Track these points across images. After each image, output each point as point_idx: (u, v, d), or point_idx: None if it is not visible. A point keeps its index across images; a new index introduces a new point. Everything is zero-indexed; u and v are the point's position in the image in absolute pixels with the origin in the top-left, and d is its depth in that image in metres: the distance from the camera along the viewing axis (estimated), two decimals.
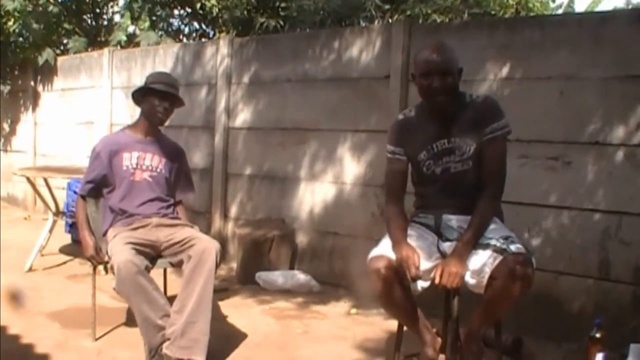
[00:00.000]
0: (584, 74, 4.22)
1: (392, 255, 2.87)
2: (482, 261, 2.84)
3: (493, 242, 2.87)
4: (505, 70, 4.53)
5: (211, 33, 9.53)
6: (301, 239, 5.72)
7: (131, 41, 8.78)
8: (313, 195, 5.65)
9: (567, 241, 4.28)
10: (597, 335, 3.67)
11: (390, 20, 7.14)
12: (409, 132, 3.13)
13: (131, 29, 8.95)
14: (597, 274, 4.18)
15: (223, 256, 5.77)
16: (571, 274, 4.26)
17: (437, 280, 2.82)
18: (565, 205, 4.30)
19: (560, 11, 12.11)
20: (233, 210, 6.29)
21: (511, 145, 3.60)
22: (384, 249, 2.93)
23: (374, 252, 2.94)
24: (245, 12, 8.21)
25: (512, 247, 2.81)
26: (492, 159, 3.02)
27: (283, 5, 7.83)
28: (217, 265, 3.68)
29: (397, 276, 2.83)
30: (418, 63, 3.02)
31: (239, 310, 4.73)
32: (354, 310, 4.82)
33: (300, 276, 5.39)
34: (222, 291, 5.06)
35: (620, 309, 4.06)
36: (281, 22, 7.67)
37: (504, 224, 3.11)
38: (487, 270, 2.80)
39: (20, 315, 4.41)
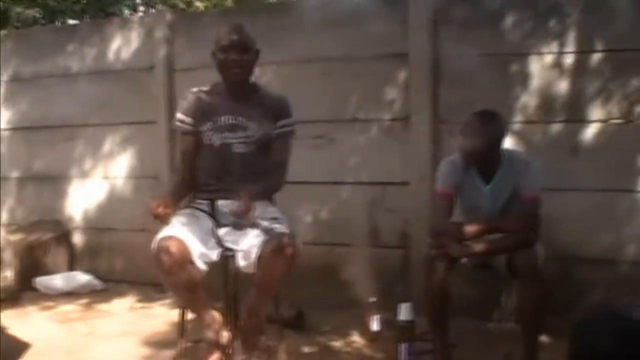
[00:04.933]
0: (342, 56, 4.45)
1: (180, 236, 2.95)
2: (250, 242, 2.98)
3: (261, 222, 3.01)
4: (268, 55, 4.62)
5: None
6: (79, 238, 5.58)
7: None
8: (87, 193, 5.53)
9: (338, 214, 4.54)
10: (372, 299, 3.92)
11: (154, 9, 7.09)
12: (201, 104, 3.24)
13: None
14: (369, 242, 4.43)
15: None
16: (344, 244, 4.48)
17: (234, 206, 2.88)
18: (334, 181, 4.54)
19: None
20: (3, 216, 5.96)
21: None
22: (172, 229, 2.99)
23: (163, 232, 2.98)
24: (1, 3, 7.79)
25: (277, 227, 2.99)
26: (280, 152, 3.26)
27: None
28: None
29: (185, 257, 2.91)
30: (218, 39, 3.18)
31: (20, 320, 4.51)
32: (138, 305, 4.80)
33: (81, 277, 5.27)
34: None
35: (393, 273, 4.36)
36: (40, 13, 7.37)
37: (275, 207, 3.27)
38: (256, 251, 2.94)
39: None
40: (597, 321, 2.15)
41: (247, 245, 2.98)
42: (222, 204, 3.16)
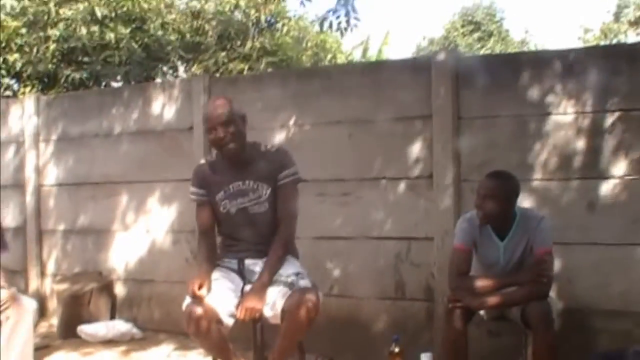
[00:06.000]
0: (368, 117, 4.69)
1: (206, 300, 3.17)
2: (275, 296, 3.21)
3: (284, 278, 3.26)
4: (298, 117, 4.91)
5: (15, 86, 9.33)
6: (120, 289, 5.81)
7: None
8: (128, 246, 5.77)
9: (365, 268, 4.70)
10: (396, 350, 4.07)
11: (193, 69, 7.41)
12: (209, 175, 3.45)
13: None
14: (394, 294, 4.63)
15: (43, 313, 5.80)
16: (371, 297, 4.68)
17: (238, 315, 3.16)
18: (361, 236, 4.72)
19: (359, 50, 12.96)
20: (50, 267, 6.23)
21: (309, 185, 4.08)
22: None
23: (189, 299, 3.21)
24: (50, 66, 8.15)
25: (300, 282, 3.23)
26: (285, 203, 3.40)
27: (87, 59, 7.85)
28: (36, 324, 3.74)
29: (212, 319, 3.13)
30: (204, 120, 3.37)
31: None
32: (174, 353, 5.00)
33: (122, 325, 5.47)
34: (43, 348, 5.05)
35: (417, 325, 4.52)
36: (86, 76, 7.71)
37: (298, 260, 3.49)
38: (280, 303, 3.17)
39: None
40: None
41: (272, 297, 3.22)
42: (250, 262, 3.42)
